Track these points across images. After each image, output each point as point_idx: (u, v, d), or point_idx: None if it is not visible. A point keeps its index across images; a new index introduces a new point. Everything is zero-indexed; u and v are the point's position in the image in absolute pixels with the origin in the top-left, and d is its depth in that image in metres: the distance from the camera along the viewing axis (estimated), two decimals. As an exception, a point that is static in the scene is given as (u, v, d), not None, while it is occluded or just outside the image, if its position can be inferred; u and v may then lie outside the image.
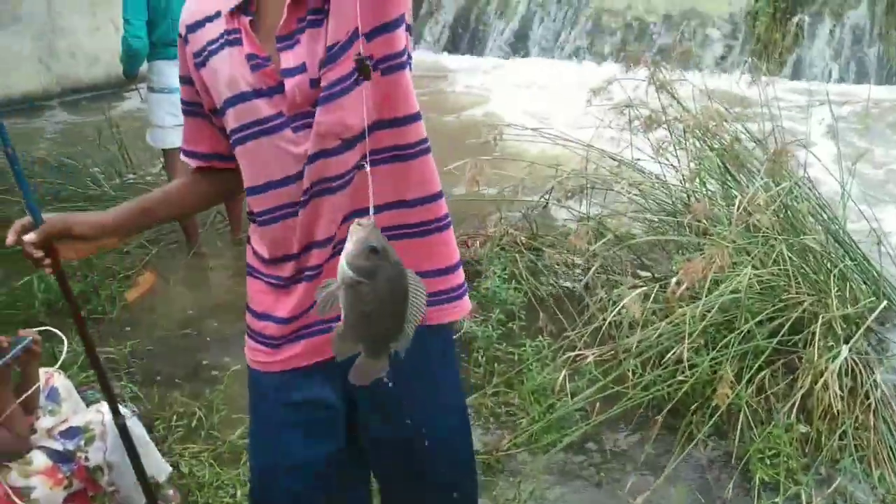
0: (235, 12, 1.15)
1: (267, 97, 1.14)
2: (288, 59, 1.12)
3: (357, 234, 0.93)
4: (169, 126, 3.56)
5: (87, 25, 7.46)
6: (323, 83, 1.11)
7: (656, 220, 3.27)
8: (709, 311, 2.47)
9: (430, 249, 1.23)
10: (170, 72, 3.42)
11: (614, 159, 3.30)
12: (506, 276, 3.14)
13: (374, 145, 1.11)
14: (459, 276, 1.28)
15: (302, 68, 1.12)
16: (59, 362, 1.96)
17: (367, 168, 1.06)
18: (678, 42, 7.47)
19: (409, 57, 1.17)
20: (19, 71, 7.03)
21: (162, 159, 4.05)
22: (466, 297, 1.30)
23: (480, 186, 3.05)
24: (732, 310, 2.52)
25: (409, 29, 1.16)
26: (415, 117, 1.18)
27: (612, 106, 3.26)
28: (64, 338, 1.94)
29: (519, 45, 9.20)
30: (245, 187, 1.23)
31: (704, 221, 2.82)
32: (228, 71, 1.16)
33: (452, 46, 9.56)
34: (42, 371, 1.93)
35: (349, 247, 0.93)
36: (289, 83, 1.12)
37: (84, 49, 7.49)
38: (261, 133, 1.16)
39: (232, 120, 1.18)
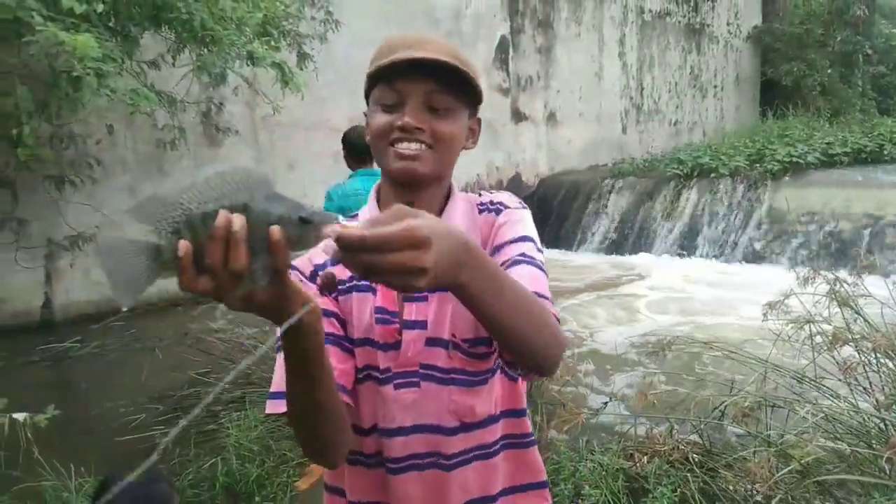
0: None
1: (383, 351, 1.15)
2: (411, 312, 1.14)
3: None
4: None
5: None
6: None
7: (848, 449, 2.96)
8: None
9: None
10: None
11: (797, 379, 3.10)
12: (676, 499, 2.93)
13: None
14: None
15: (423, 325, 1.14)
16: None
17: None
18: (863, 252, 7.09)
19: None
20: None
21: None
22: None
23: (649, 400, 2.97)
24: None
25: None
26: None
27: (790, 321, 3.13)
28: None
29: (687, 245, 9.20)
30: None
31: (906, 458, 2.52)
32: (358, 314, 1.17)
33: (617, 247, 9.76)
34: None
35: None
36: (407, 336, 1.14)
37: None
38: (372, 380, 1.17)
39: (360, 358, 1.18)
